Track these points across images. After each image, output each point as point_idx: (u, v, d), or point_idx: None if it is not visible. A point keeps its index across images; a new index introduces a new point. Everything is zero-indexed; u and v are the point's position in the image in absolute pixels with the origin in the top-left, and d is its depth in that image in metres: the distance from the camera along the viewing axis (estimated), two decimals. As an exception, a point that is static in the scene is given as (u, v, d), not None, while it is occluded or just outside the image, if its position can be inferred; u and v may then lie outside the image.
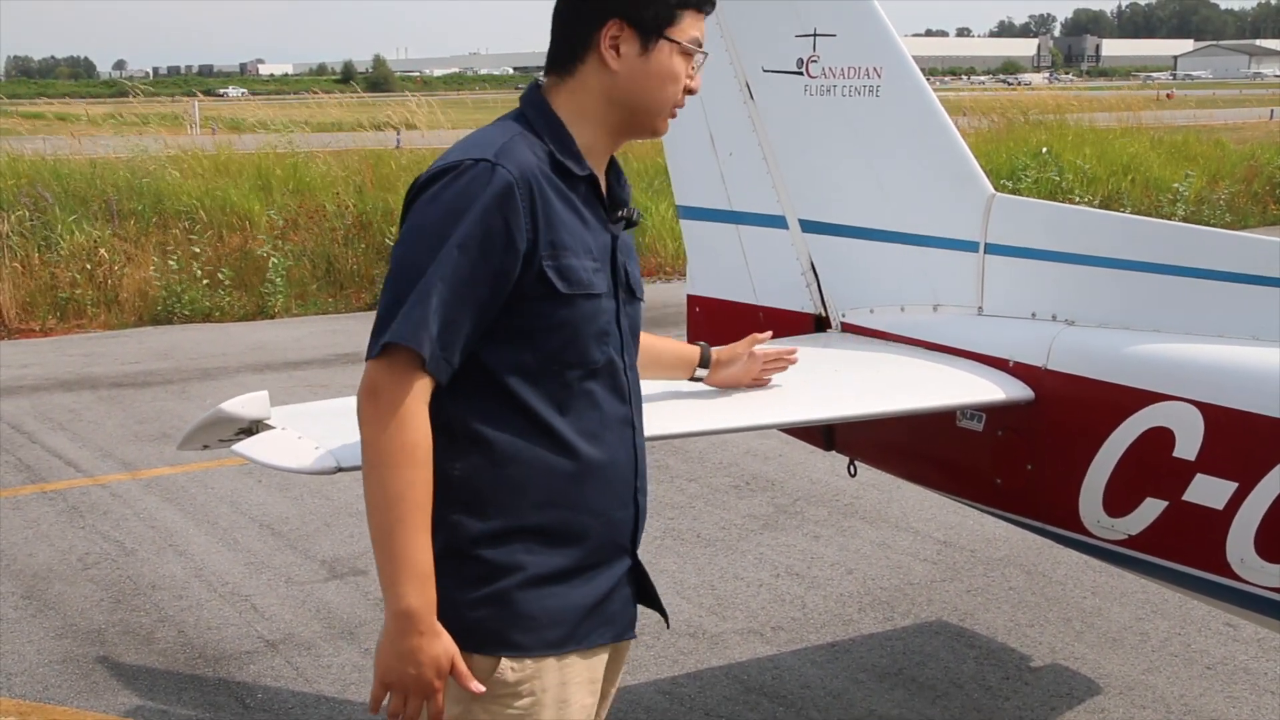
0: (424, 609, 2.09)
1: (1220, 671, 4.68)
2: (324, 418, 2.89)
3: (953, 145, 3.69)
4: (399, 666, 2.13)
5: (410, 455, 2.05)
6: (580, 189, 2.20)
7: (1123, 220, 3.53)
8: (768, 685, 4.59)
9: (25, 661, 4.84)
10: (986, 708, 4.42)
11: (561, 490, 2.18)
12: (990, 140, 19.27)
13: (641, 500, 2.32)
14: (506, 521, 2.16)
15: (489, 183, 2.06)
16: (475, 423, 2.15)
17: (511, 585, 2.16)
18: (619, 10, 2.16)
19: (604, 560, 2.27)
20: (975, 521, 5.97)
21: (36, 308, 12.07)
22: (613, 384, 2.24)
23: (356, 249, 13.59)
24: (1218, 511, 2.86)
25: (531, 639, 2.18)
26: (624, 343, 2.27)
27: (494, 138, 2.15)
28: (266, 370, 10.05)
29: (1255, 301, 3.00)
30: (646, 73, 2.19)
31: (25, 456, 7.64)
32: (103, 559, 5.94)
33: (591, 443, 2.20)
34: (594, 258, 2.18)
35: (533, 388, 2.15)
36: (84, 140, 16.14)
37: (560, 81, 2.24)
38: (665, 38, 2.18)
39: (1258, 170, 19.99)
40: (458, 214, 2.06)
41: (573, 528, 2.20)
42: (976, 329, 3.53)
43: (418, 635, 2.09)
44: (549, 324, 2.14)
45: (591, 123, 2.22)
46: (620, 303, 2.26)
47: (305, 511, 6.55)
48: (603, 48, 2.17)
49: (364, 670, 4.73)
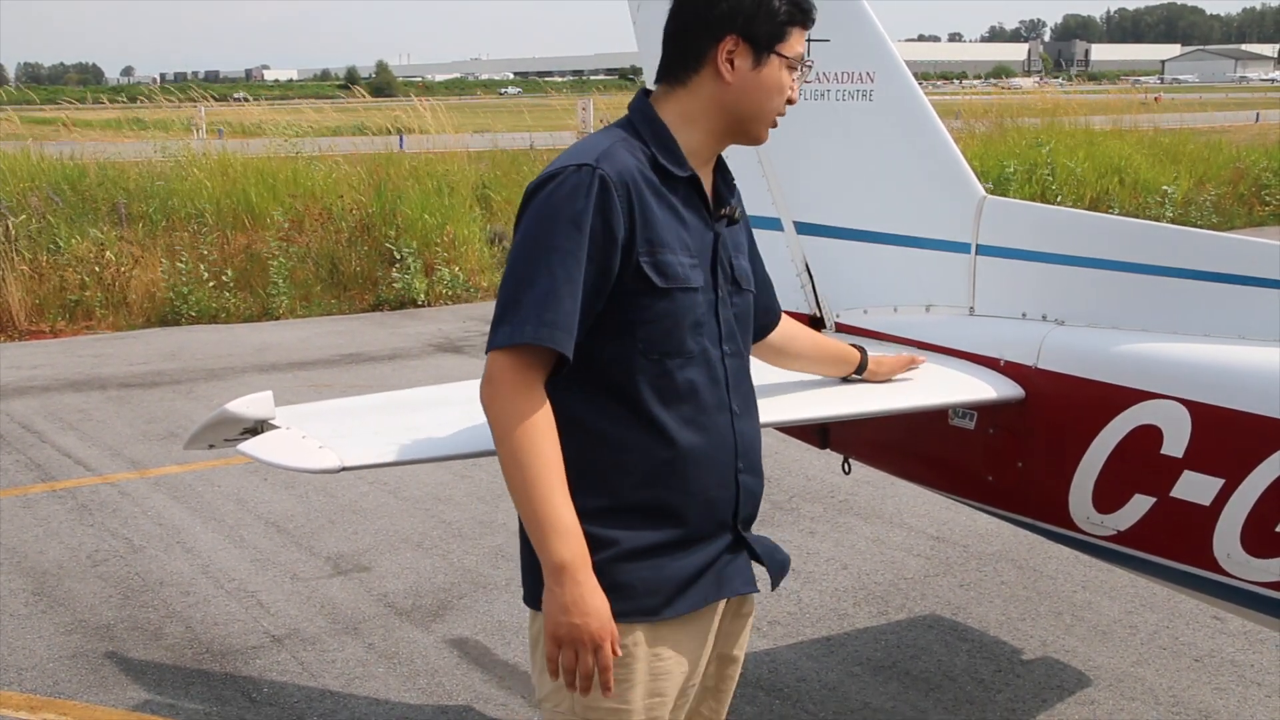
0: (577, 560, 2.16)
1: (1208, 664, 4.69)
2: (328, 417, 2.90)
3: (944, 148, 3.69)
4: (566, 620, 2.17)
5: (532, 425, 2.16)
6: (680, 190, 2.31)
7: (1111, 222, 3.53)
8: (764, 679, 4.59)
9: (35, 657, 4.84)
10: (979, 700, 4.43)
11: (658, 472, 2.28)
12: (984, 141, 19.30)
13: (745, 479, 2.40)
14: (607, 500, 2.26)
15: (590, 185, 2.18)
16: (580, 409, 2.27)
17: (609, 558, 2.24)
18: (736, 27, 2.28)
19: (704, 536, 2.36)
20: (967, 518, 5.97)
21: (46, 310, 12.05)
22: (709, 372, 2.33)
23: (360, 251, 13.58)
24: (1205, 508, 2.86)
25: (627, 605, 2.26)
26: (722, 333, 2.36)
27: (598, 144, 2.27)
28: (272, 370, 10.05)
29: (1241, 301, 3.00)
30: (757, 85, 2.32)
31: (35, 455, 7.64)
32: (111, 556, 5.94)
33: (687, 427, 2.29)
34: (691, 254, 2.29)
35: (632, 375, 2.26)
36: (94, 144, 16.13)
37: (671, 90, 2.35)
38: (776, 53, 2.31)
39: (1243, 172, 20.01)
40: (563, 216, 2.17)
41: (669, 506, 2.30)
42: (968, 329, 3.53)
43: (576, 585, 2.16)
44: (647, 316, 2.24)
45: (700, 128, 2.34)
46: (721, 295, 2.36)
47: (310, 509, 6.55)
48: (719, 61, 2.29)
49: (368, 665, 4.73)
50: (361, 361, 10.39)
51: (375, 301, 13.16)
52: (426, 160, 15.65)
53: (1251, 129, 30.35)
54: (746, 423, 2.42)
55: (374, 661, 4.77)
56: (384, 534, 6.20)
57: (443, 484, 6.88)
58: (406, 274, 13.14)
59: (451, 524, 6.33)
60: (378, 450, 2.72)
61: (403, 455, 2.69)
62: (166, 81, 38.91)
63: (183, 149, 15.36)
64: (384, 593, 5.45)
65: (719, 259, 2.35)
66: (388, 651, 4.86)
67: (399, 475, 6.97)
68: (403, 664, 4.75)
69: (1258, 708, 4.35)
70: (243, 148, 15.54)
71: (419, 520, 6.39)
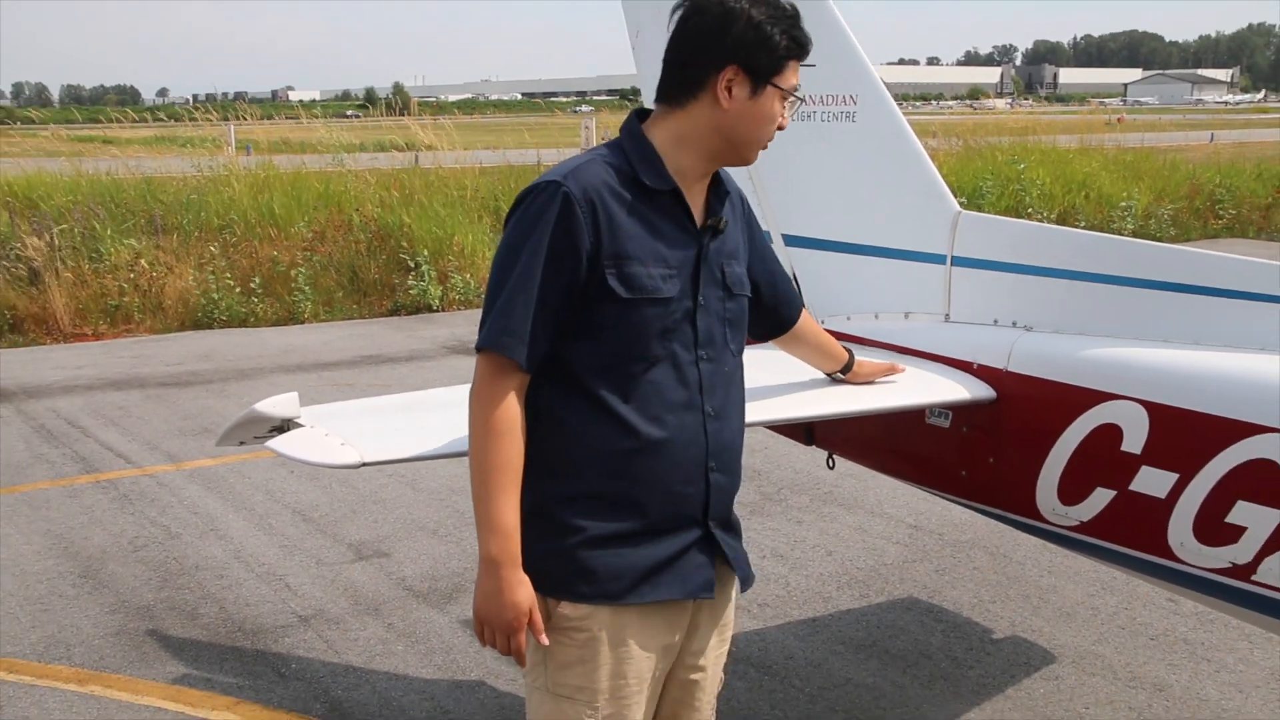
0: (503, 558, 2.20)
1: (1162, 642, 4.70)
2: (349, 416, 2.90)
3: (922, 166, 3.69)
4: (485, 605, 2.23)
5: (493, 428, 2.18)
6: (661, 203, 2.28)
7: (1076, 235, 3.52)
8: (754, 656, 4.60)
9: (82, 634, 4.86)
10: (952, 676, 4.44)
11: (623, 465, 2.26)
12: (960, 158, 19.28)
13: (716, 478, 2.36)
14: (575, 489, 2.27)
15: (553, 201, 2.18)
16: (553, 405, 2.27)
17: (575, 543, 2.26)
18: (737, 58, 2.24)
19: (670, 528, 2.33)
20: (942, 509, 5.98)
21: (89, 314, 12.05)
22: (677, 374, 2.29)
23: (378, 259, 13.57)
24: (1161, 500, 2.87)
25: (590, 589, 2.27)
26: (698, 339, 2.32)
27: (574, 162, 2.27)
28: (297, 371, 10.05)
29: (1197, 309, 3.00)
30: (753, 113, 2.29)
31: (80, 449, 7.65)
32: (151, 542, 5.95)
33: (653, 424, 2.27)
34: (668, 265, 2.26)
35: (599, 376, 2.25)
36: (132, 160, 16.11)
37: (669, 111, 2.32)
38: (772, 84, 2.28)
39: (1199, 188, 20.01)
40: (530, 230, 2.19)
41: (631, 497, 2.28)
42: (943, 334, 3.53)
43: (498, 580, 2.20)
44: (611, 322, 2.23)
45: (693, 149, 2.31)
46: (702, 303, 2.32)
47: (334, 500, 6.56)
48: (718, 88, 2.26)
49: (387, 643, 4.75)
50: (380, 363, 10.39)
51: (393, 307, 13.15)
52: (439, 174, 15.63)
53: (1206, 148, 30.27)
54: (722, 424, 2.36)
55: (393, 640, 4.79)
56: (402, 522, 6.21)
57: (456, 476, 6.89)
58: (422, 281, 13.14)
59: (464, 513, 6.33)
60: (395, 447, 2.72)
61: (418, 451, 2.68)
62: (198, 101, 38.73)
63: (221, 164, 15.33)
64: (402, 577, 5.47)
65: (701, 269, 2.31)
66: (406, 631, 4.87)
67: (415, 469, 6.97)
68: (420, 642, 4.76)
69: (1207, 682, 4.37)
70: (273, 161, 15.50)
71: (434, 510, 6.40)
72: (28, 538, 6.03)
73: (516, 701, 4.24)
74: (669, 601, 2.35)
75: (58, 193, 13.39)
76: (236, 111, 23.71)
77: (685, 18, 2.29)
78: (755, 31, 2.24)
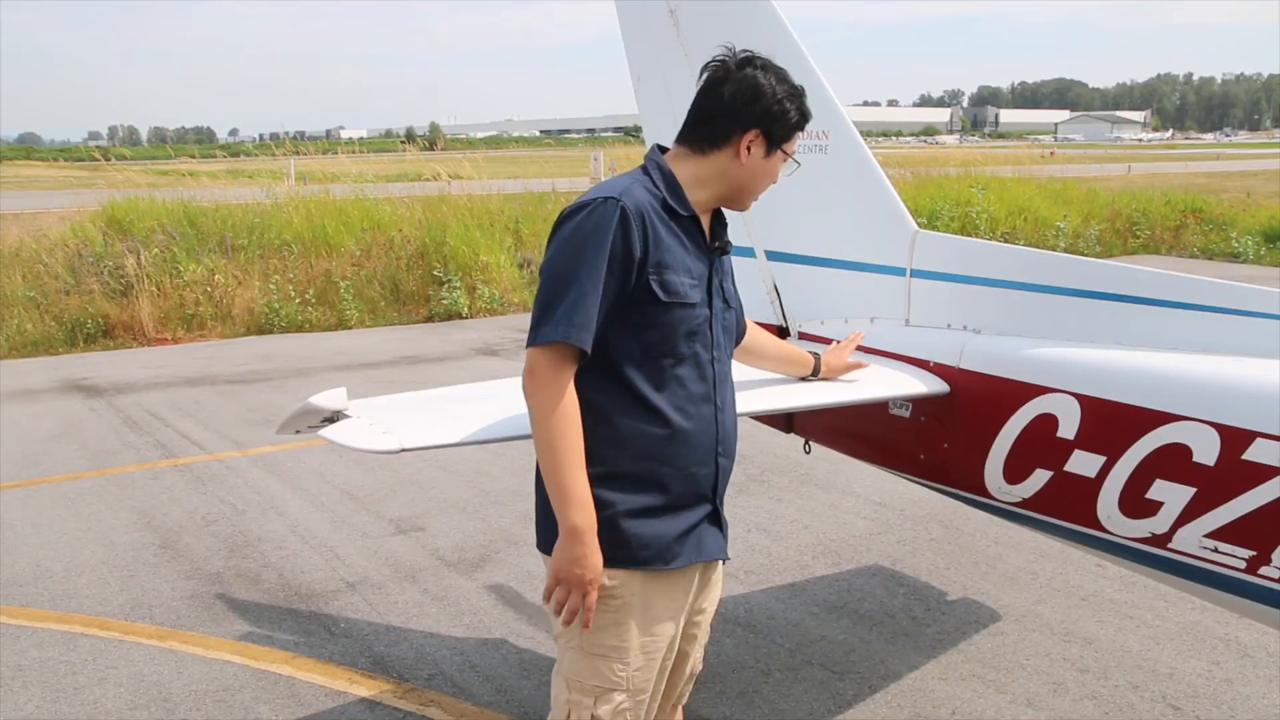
0: (586, 526, 2.17)
1: (1092, 602, 4.68)
2: (391, 408, 2.88)
3: (885, 192, 3.68)
4: (568, 568, 2.19)
5: (562, 413, 2.15)
6: (685, 225, 2.30)
7: (1017, 251, 3.50)
8: (741, 617, 4.58)
9: (162, 596, 4.84)
10: (912, 633, 4.41)
11: (653, 448, 2.26)
12: (918, 186, 19.27)
13: (722, 461, 2.38)
14: (610, 468, 2.24)
15: (614, 214, 2.17)
16: (593, 394, 2.24)
17: (611, 515, 2.24)
18: (761, 125, 2.30)
19: (688, 504, 2.33)
20: (904, 488, 5.96)
21: (169, 321, 12.07)
22: (698, 371, 2.31)
23: (415, 274, 13.56)
24: (1091, 479, 2.85)
25: (625, 555, 2.26)
26: (714, 340, 2.34)
27: (621, 182, 2.26)
28: (346, 370, 10.03)
29: (1121, 315, 2.99)
30: (762, 170, 2.35)
31: (161, 438, 7.63)
32: (220, 518, 5.93)
33: (679, 414, 2.27)
34: (693, 276, 2.28)
35: (636, 370, 2.24)
36: (205, 191, 16.10)
37: (691, 154, 2.34)
38: (781, 149, 2.35)
39: (1118, 212, 20.06)
40: (592, 237, 2.17)
41: (658, 477, 2.27)
42: (904, 337, 3.51)
43: (582, 545, 2.17)
44: (651, 323, 2.23)
45: (708, 190, 2.34)
46: (714, 311, 2.35)
47: (377, 481, 6.54)
48: (740, 146, 2.30)
49: (423, 606, 4.72)
50: (418, 362, 10.37)
51: (428, 314, 13.14)
52: (469, 201, 15.62)
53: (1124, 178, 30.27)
54: (727, 416, 2.40)
55: (428, 603, 4.76)
56: (436, 501, 6.19)
57: (483, 461, 6.87)
58: (453, 292, 13.13)
59: (490, 493, 6.31)
60: (430, 435, 2.70)
61: (451, 439, 2.67)
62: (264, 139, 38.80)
63: (285, 192, 15.36)
64: (436, 548, 5.44)
65: (713, 282, 2.36)
66: (439, 595, 4.84)
67: (448, 454, 6.96)
68: (451, 605, 4.73)
69: (1130, 636, 4.34)
70: (324, 191, 15.50)
71: (464, 490, 6.38)
72: (116, 513, 6.01)
73: (534, 657, 4.21)
74: (687, 567, 2.36)
75: (146, 218, 13.41)
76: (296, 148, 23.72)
77: (719, 81, 2.31)
78: (778, 105, 2.29)
